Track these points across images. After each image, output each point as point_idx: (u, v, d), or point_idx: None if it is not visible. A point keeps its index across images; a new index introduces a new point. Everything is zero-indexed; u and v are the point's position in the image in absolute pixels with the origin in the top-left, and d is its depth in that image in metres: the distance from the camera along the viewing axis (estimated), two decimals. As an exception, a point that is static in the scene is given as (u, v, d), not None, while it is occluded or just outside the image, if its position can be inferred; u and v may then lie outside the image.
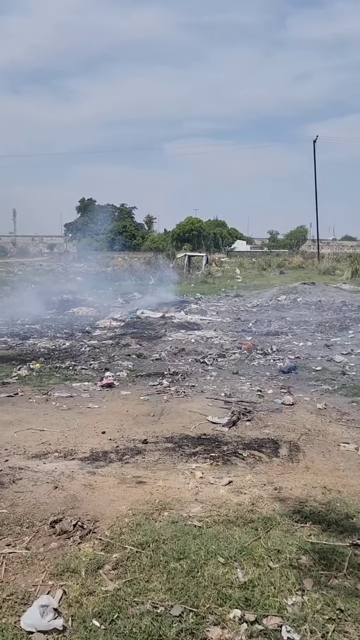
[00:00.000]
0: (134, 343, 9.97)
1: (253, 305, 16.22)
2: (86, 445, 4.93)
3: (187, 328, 11.66)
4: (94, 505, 3.70)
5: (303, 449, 4.87)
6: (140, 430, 5.34)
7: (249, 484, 4.09)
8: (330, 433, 5.31)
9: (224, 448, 4.87)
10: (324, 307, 15.10)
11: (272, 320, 13.12)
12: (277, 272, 33.13)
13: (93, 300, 16.79)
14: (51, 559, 3.08)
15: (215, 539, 3.23)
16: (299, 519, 3.52)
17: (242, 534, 3.30)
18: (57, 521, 3.43)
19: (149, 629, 2.49)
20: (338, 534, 3.34)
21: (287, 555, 3.08)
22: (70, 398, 6.53)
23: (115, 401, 6.44)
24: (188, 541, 3.20)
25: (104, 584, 2.84)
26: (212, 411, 5.98)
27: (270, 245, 76.36)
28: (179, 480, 4.15)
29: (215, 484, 4.08)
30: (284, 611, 2.64)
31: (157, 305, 15.37)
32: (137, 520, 3.47)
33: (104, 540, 3.26)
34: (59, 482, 4.06)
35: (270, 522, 3.45)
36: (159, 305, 15.52)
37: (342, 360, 8.64)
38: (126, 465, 4.45)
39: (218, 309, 15.47)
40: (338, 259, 37.00)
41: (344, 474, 4.32)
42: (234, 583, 2.83)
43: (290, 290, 17.61)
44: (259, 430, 5.39)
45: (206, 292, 20.27)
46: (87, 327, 11.88)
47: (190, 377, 7.61)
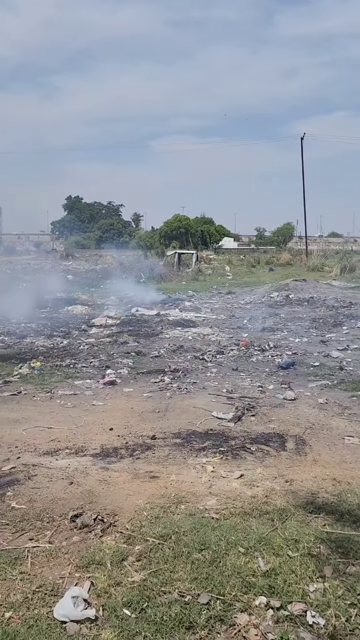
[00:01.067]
0: (131, 341, 10.03)
1: (246, 302, 16.34)
2: (95, 441, 5.00)
3: (183, 325, 11.74)
4: (111, 499, 3.77)
5: (309, 442, 4.97)
6: (147, 427, 5.41)
7: (260, 477, 4.18)
8: (334, 427, 5.42)
9: (232, 443, 4.96)
10: (316, 303, 15.27)
11: (267, 317, 13.24)
12: (266, 269, 33.31)
13: (86, 299, 16.82)
14: (75, 552, 3.14)
15: (234, 530, 3.31)
16: (313, 509, 3.62)
17: (259, 524, 3.39)
18: (77, 515, 3.49)
19: (179, 616, 2.57)
20: (352, 523, 3.44)
21: (305, 544, 3.18)
22: (74, 396, 6.58)
23: (118, 398, 6.50)
24: (207, 532, 3.28)
25: (130, 575, 2.91)
26: (216, 407, 6.07)
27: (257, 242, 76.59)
28: (191, 475, 4.23)
29: (227, 477, 4.17)
30: (307, 597, 2.73)
31: (150, 303, 15.44)
32: (156, 514, 3.54)
33: (125, 533, 3.33)
34: (74, 477, 4.12)
35: (285, 513, 3.55)
36: (152, 303, 15.59)
37: (339, 355, 8.78)
38: (137, 461, 4.52)
39: (212, 306, 15.57)
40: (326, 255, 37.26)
41: (351, 466, 4.43)
42: (256, 572, 2.92)
43: (282, 287, 17.77)
44: (264, 425, 5.49)
45: (198, 290, 20.36)
46: (83, 325, 11.91)
47: (191, 373, 7.69)
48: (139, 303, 15.29)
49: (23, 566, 3.01)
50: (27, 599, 2.72)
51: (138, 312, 13.55)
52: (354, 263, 29.94)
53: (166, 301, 16.09)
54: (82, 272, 27.50)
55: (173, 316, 13.02)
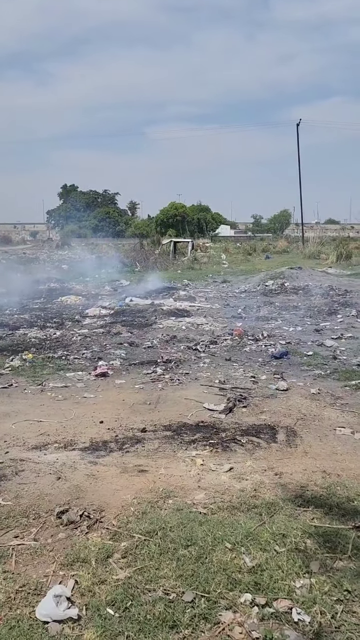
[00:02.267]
0: (124, 331, 9.97)
1: (241, 291, 16.28)
2: (85, 435, 4.95)
3: (177, 315, 11.68)
4: (98, 495, 3.73)
5: (300, 434, 4.94)
6: (138, 419, 5.37)
7: (249, 470, 4.15)
8: (326, 417, 5.39)
9: (223, 435, 4.93)
10: (311, 291, 15.21)
11: (261, 305, 13.19)
12: (262, 256, 33.22)
13: (81, 289, 16.73)
14: (60, 550, 3.11)
15: (221, 525, 3.28)
16: (301, 503, 3.59)
17: (247, 519, 3.36)
18: (63, 512, 3.46)
19: (163, 615, 2.54)
20: (340, 517, 3.42)
21: (292, 539, 3.15)
22: (65, 388, 6.54)
23: (110, 390, 6.46)
24: (194, 528, 3.25)
25: (114, 573, 2.88)
26: (208, 398, 6.03)
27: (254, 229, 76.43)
28: (180, 468, 4.19)
29: (216, 470, 4.14)
30: (293, 594, 2.70)
31: (145, 293, 15.37)
32: (143, 509, 3.51)
33: (111, 529, 3.29)
34: (62, 472, 4.08)
35: (274, 507, 3.52)
36: (147, 292, 15.52)
37: (333, 344, 8.74)
38: (127, 455, 4.49)
39: (206, 295, 15.50)
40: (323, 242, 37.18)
41: (342, 457, 4.40)
42: (242, 568, 2.89)
43: (278, 275, 17.69)
44: (255, 416, 5.45)
45: (193, 279, 20.28)
46: (77, 316, 11.84)
47: (183, 364, 7.65)
48: (133, 293, 15.23)
49: (7, 565, 2.97)
50: (10, 599, 2.69)
51: (132, 302, 13.49)
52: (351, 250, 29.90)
53: (160, 290, 16.01)
54: (77, 262, 27.37)
55: (167, 306, 12.96)
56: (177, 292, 15.53)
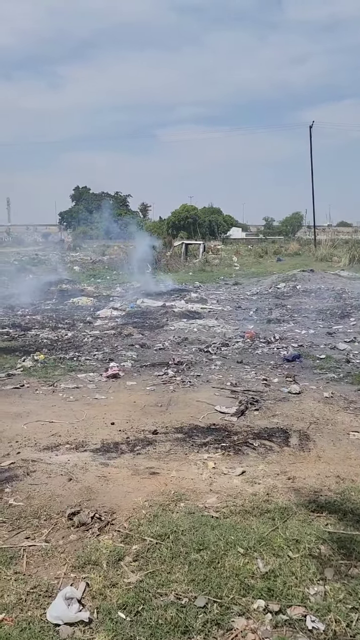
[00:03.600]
0: (136, 333, 9.96)
1: (252, 293, 16.21)
2: (96, 436, 4.94)
3: (188, 317, 11.65)
4: (109, 496, 3.71)
5: (313, 438, 4.89)
6: (149, 421, 5.35)
7: (262, 473, 4.11)
8: (339, 422, 5.33)
9: (235, 438, 4.89)
10: (323, 294, 15.10)
11: (273, 308, 13.12)
12: (274, 259, 33.05)
13: (92, 290, 16.75)
14: (71, 552, 3.09)
15: (234, 530, 3.24)
16: (315, 508, 3.54)
17: (260, 524, 3.32)
18: (74, 513, 3.44)
19: (175, 620, 2.51)
20: (355, 523, 3.36)
21: (306, 545, 3.10)
22: (77, 389, 6.53)
23: (121, 392, 6.44)
24: (206, 532, 3.21)
25: (126, 576, 2.85)
26: (220, 401, 5.99)
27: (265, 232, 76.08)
28: (192, 471, 4.16)
29: (228, 474, 4.10)
30: (307, 601, 2.66)
31: (156, 294, 15.34)
32: (154, 512, 3.48)
33: (122, 532, 3.27)
34: (73, 474, 4.07)
35: (287, 512, 3.47)
36: (158, 294, 15.50)
37: (346, 348, 8.66)
38: (138, 457, 4.46)
39: (218, 297, 15.45)
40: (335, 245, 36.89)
41: (356, 462, 4.34)
42: (255, 573, 2.85)
43: (289, 277, 17.59)
44: (267, 419, 5.40)
45: (205, 281, 20.23)
46: (88, 317, 11.85)
47: (195, 366, 7.61)
48: (145, 294, 15.21)
49: (18, 566, 2.96)
50: (21, 601, 2.68)
51: (143, 304, 13.47)
52: (363, 253, 29.62)
53: (172, 292, 15.99)
54: (89, 263, 27.43)
55: (178, 308, 12.92)
56: (189, 294, 15.50)
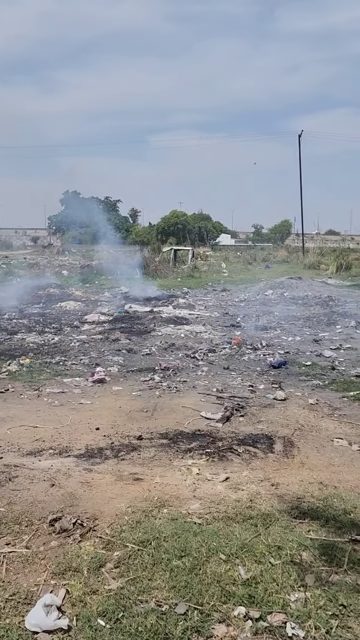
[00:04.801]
0: (123, 338, 9.94)
1: (240, 300, 16.26)
2: (81, 441, 4.91)
3: (176, 323, 11.65)
4: (92, 502, 3.69)
5: (297, 444, 4.90)
6: (134, 427, 5.33)
7: (245, 480, 4.11)
8: (323, 428, 5.35)
9: (219, 444, 4.89)
10: (310, 301, 15.19)
11: (260, 314, 13.16)
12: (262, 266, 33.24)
13: (80, 294, 16.71)
14: (52, 558, 3.06)
15: (216, 536, 3.24)
16: (298, 514, 3.55)
17: (242, 530, 3.32)
18: (56, 519, 3.41)
19: (155, 627, 2.49)
20: (337, 529, 3.37)
21: (288, 551, 3.11)
22: (62, 394, 6.49)
23: (107, 397, 6.42)
24: (189, 538, 3.20)
25: (107, 583, 2.83)
26: (205, 407, 5.99)
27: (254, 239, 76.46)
28: (176, 477, 4.15)
29: (212, 480, 4.09)
30: (288, 608, 2.66)
31: (144, 300, 15.33)
32: (137, 518, 3.46)
33: (104, 538, 3.25)
34: (56, 479, 4.04)
35: (270, 519, 3.47)
36: (146, 299, 15.49)
37: (332, 355, 8.71)
38: (122, 462, 4.44)
39: (206, 303, 15.47)
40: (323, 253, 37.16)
41: (339, 469, 4.36)
42: (236, 580, 2.85)
43: (277, 284, 17.68)
44: (252, 425, 5.41)
45: (193, 286, 20.25)
46: (76, 321, 11.80)
47: (181, 372, 7.61)
48: (133, 299, 15.20)
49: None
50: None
51: (131, 309, 13.45)
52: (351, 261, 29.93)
53: (160, 298, 15.99)
54: (77, 268, 27.34)
55: (166, 313, 12.92)
56: (177, 300, 15.50)
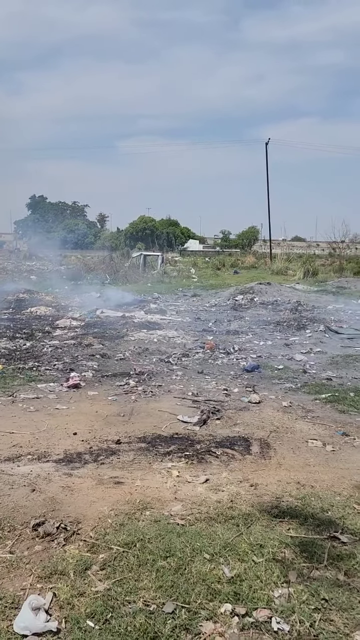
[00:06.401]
0: (96, 343, 9.92)
1: (211, 305, 16.41)
2: (59, 447, 4.90)
3: (148, 327, 11.69)
4: (74, 507, 3.69)
5: (273, 446, 5.01)
6: (112, 431, 5.35)
7: (225, 481, 4.18)
8: (298, 430, 5.48)
9: (197, 447, 4.95)
10: (280, 306, 15.45)
11: (232, 319, 13.32)
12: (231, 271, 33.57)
13: (50, 300, 16.56)
14: (37, 562, 3.06)
15: (199, 536, 3.29)
16: (277, 514, 3.64)
17: (225, 530, 3.38)
18: (39, 524, 3.41)
19: (144, 626, 2.53)
20: (315, 527, 3.48)
21: (270, 549, 3.19)
22: (37, 399, 6.45)
23: (83, 402, 6.41)
24: (173, 539, 3.25)
25: (93, 585, 2.85)
26: (182, 410, 6.04)
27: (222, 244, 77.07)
28: (156, 480, 4.19)
29: (192, 482, 4.15)
30: (272, 603, 2.73)
31: (115, 305, 15.31)
32: (120, 521, 3.49)
33: (88, 541, 3.26)
34: (36, 484, 4.03)
35: (250, 518, 3.55)
36: (117, 304, 15.47)
37: (302, 359, 8.90)
38: (102, 466, 4.45)
39: (177, 308, 15.56)
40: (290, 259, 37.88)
41: (314, 469, 4.48)
42: (221, 578, 2.91)
43: (247, 290, 17.91)
44: (229, 428, 5.49)
45: (163, 292, 20.32)
46: (47, 327, 11.70)
47: (156, 376, 7.65)
48: (104, 304, 15.15)
49: (-18, 578, 2.91)
50: (-14, 613, 2.63)
51: (103, 314, 13.42)
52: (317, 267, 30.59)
53: (131, 303, 16.00)
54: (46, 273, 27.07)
55: (138, 318, 12.95)
56: (148, 305, 15.54)
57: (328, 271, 32.09)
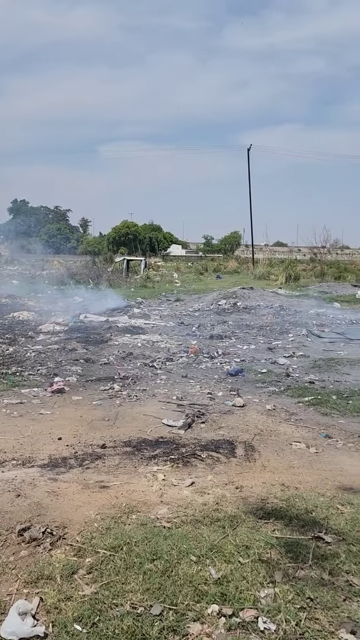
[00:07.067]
0: (80, 347, 9.89)
1: (194, 310, 16.47)
2: (43, 452, 4.88)
3: (132, 332, 11.69)
4: (60, 511, 3.69)
5: (258, 448, 5.05)
6: (97, 435, 5.34)
7: (210, 484, 4.20)
8: (282, 433, 5.53)
9: (182, 450, 4.97)
10: (263, 311, 15.58)
11: (215, 324, 13.39)
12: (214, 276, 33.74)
13: (33, 304, 16.46)
14: (23, 567, 3.05)
15: (185, 539, 3.31)
16: (263, 515, 3.67)
17: (211, 532, 3.41)
18: (25, 529, 3.39)
19: (132, 629, 2.53)
20: (300, 527, 3.52)
21: (255, 550, 3.22)
22: (21, 405, 6.41)
23: (67, 407, 6.39)
24: (159, 542, 3.26)
25: (80, 589, 2.85)
26: (166, 414, 6.06)
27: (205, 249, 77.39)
28: (142, 483, 4.20)
29: (178, 485, 4.17)
30: (259, 603, 2.76)
31: (99, 310, 15.28)
32: (106, 524, 3.49)
33: (75, 545, 3.26)
34: (21, 490, 4.00)
35: (236, 520, 3.58)
36: (101, 309, 15.44)
37: (285, 362, 8.98)
38: (87, 471, 4.45)
39: (160, 313, 15.59)
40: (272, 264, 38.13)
41: (298, 471, 4.53)
42: (208, 580, 2.93)
43: (230, 294, 18.02)
44: (214, 431, 5.53)
45: (147, 296, 20.34)
46: (30, 331, 11.63)
47: (140, 381, 7.66)
48: (87, 309, 15.11)
49: (-32, 584, 2.89)
50: (-27, 619, 2.61)
51: (86, 319, 13.39)
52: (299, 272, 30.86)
53: (115, 308, 15.98)
54: (28, 277, 26.90)
55: (122, 323, 12.94)
56: (132, 310, 15.55)
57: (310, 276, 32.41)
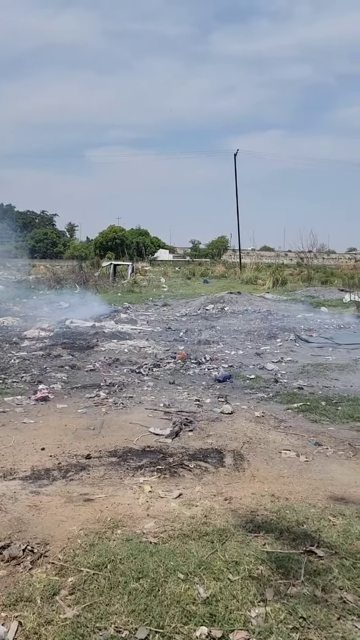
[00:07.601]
0: (65, 354, 9.71)
1: (182, 315, 16.35)
2: (26, 463, 4.71)
3: (119, 338, 11.53)
4: (42, 527, 3.53)
5: (247, 457, 4.93)
6: (82, 445, 5.19)
7: (199, 495, 4.08)
8: (271, 440, 5.42)
9: (170, 460, 4.83)
10: (250, 315, 15.50)
11: (203, 329, 13.28)
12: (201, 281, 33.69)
13: (18, 310, 16.23)
14: (2, 589, 2.89)
15: (173, 555, 3.18)
16: (252, 528, 3.55)
17: (199, 547, 3.28)
18: (4, 547, 3.24)
19: (116, 655, 2.40)
20: (291, 541, 3.40)
21: (245, 566, 3.09)
22: (3, 413, 6.23)
23: (51, 415, 6.22)
24: (145, 559, 3.12)
25: (62, 612, 2.70)
26: (153, 422, 5.93)
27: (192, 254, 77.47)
28: (128, 496, 4.06)
29: (165, 497, 4.03)
30: (249, 624, 2.63)
31: (85, 315, 15.09)
32: (90, 541, 3.34)
33: (57, 564, 3.11)
34: (2, 504, 3.84)
35: (225, 534, 3.45)
36: (87, 314, 15.25)
37: (274, 368, 8.89)
38: (71, 483, 4.30)
39: (148, 318, 15.44)
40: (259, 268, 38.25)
41: (288, 480, 4.42)
42: (196, 599, 2.80)
43: (218, 299, 17.93)
44: (202, 440, 5.40)
45: (134, 302, 20.19)
46: (14, 337, 11.42)
47: (127, 387, 7.51)
48: (73, 314, 14.92)
49: None
50: None
51: (72, 324, 13.20)
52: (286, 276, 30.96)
53: (101, 313, 15.81)
54: (13, 283, 26.60)
55: (108, 328, 12.78)
56: (118, 315, 15.39)
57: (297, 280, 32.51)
